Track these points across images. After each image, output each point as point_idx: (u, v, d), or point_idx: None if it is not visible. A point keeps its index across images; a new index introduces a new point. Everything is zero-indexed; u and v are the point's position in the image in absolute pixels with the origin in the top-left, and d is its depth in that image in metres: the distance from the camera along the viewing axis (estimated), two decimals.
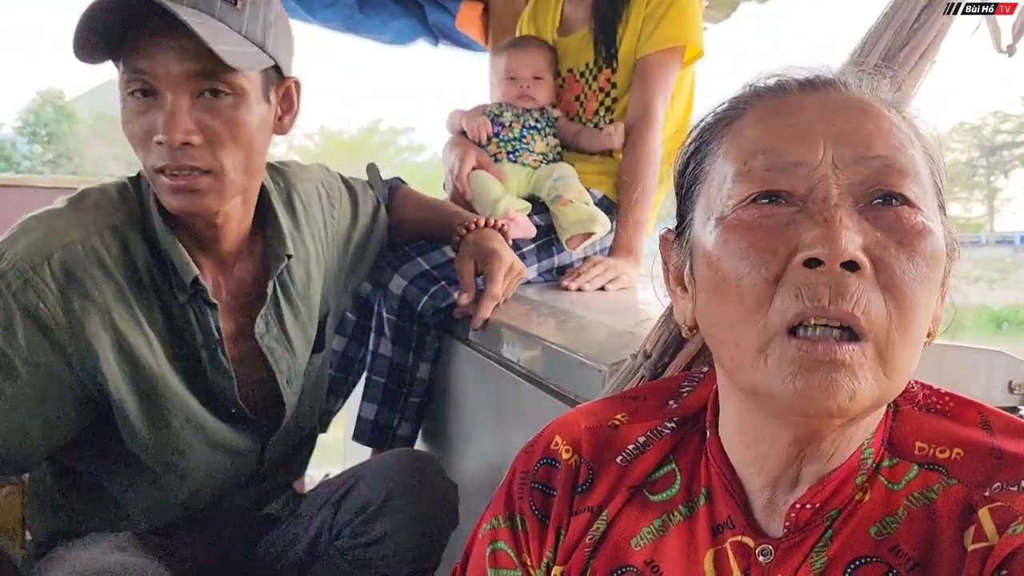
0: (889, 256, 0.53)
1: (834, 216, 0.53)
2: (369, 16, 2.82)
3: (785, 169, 0.56)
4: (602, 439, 0.71)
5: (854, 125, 0.56)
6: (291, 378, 1.28)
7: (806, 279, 0.52)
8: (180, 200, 1.06)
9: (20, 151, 27.35)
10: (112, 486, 1.23)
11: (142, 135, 1.04)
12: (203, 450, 1.21)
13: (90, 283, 1.07)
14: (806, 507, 0.59)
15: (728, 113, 0.63)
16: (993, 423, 0.60)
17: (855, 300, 0.51)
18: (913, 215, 0.55)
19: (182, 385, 1.17)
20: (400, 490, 1.18)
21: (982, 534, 0.54)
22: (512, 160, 1.99)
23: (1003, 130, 35.85)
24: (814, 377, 0.51)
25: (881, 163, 0.55)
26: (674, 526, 0.65)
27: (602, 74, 2.02)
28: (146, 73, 1.02)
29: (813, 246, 0.52)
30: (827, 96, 0.59)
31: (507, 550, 0.72)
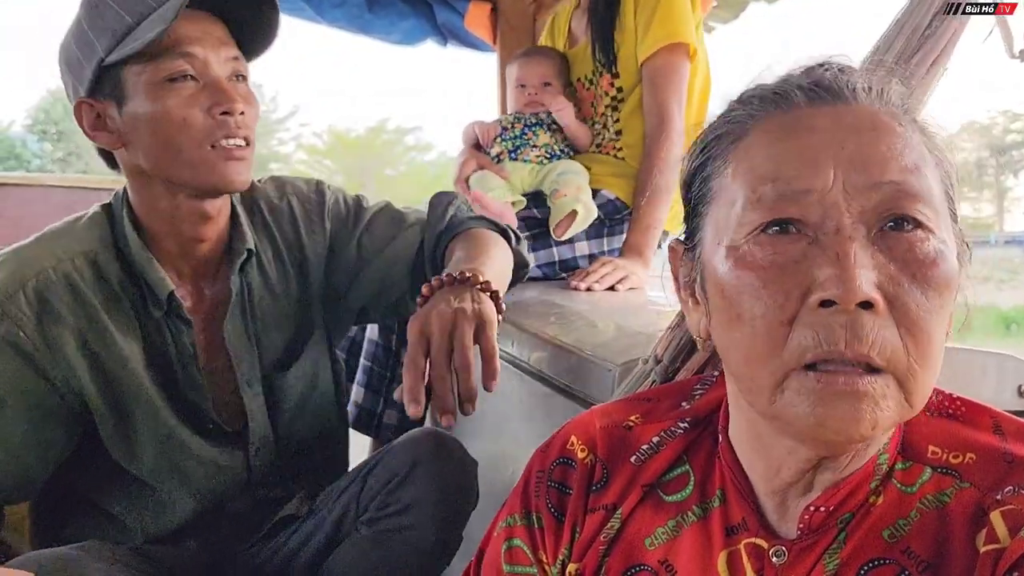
0: (904, 292, 0.52)
1: (847, 252, 0.52)
2: (378, 16, 2.83)
3: (795, 197, 0.55)
4: (617, 439, 0.72)
5: (865, 147, 0.55)
6: (251, 380, 1.28)
7: (822, 320, 0.52)
8: (228, 171, 1.14)
9: (30, 149, 27.46)
10: (107, 501, 1.26)
11: (198, 114, 1.11)
12: (187, 465, 1.24)
13: (64, 308, 1.12)
14: (820, 510, 0.60)
15: (733, 128, 0.62)
16: (1005, 428, 0.61)
17: (870, 341, 0.51)
18: (926, 241, 0.54)
19: (161, 402, 1.20)
20: (426, 458, 1.18)
21: (994, 536, 0.54)
22: (513, 158, 2.03)
23: (1013, 130, 35.63)
24: (836, 407, 0.52)
25: (894, 189, 0.54)
26: (688, 526, 0.66)
27: (603, 79, 2.07)
28: (194, 58, 1.10)
29: (827, 287, 0.52)
30: (836, 112, 0.57)
31: (523, 547, 0.73)
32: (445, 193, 1.49)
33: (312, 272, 1.36)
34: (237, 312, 1.27)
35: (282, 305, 1.33)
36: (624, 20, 1.99)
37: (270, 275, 1.32)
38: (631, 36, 1.98)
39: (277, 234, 1.34)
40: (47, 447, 1.15)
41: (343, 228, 1.39)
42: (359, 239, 1.39)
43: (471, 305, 1.07)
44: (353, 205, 1.42)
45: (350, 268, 1.38)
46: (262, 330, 1.30)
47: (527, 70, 2.12)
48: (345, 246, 1.38)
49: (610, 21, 2.00)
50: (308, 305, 1.36)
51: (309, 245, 1.36)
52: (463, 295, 1.09)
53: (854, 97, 0.58)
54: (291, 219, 1.36)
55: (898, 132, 0.56)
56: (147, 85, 1.10)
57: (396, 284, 1.39)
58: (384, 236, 1.39)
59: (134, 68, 1.10)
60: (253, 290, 1.29)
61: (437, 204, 1.44)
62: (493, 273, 1.21)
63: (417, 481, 1.17)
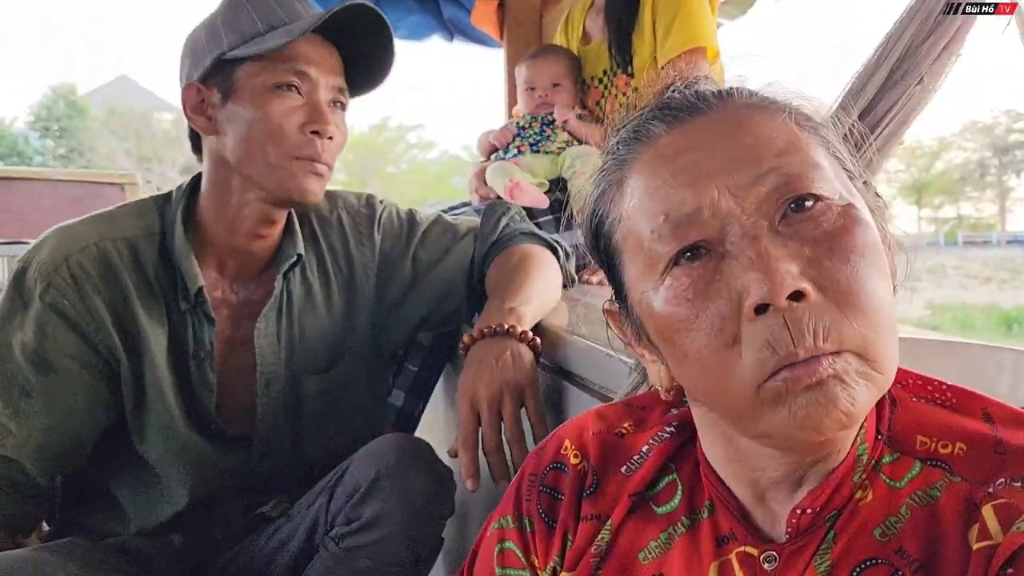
0: (828, 269, 0.52)
1: (759, 251, 0.51)
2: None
3: (690, 222, 0.54)
4: (609, 447, 0.71)
5: (734, 147, 0.55)
6: (271, 380, 1.29)
7: (764, 329, 0.51)
8: (306, 184, 1.21)
9: (32, 145, 27.55)
10: (115, 484, 1.27)
11: (292, 126, 1.18)
12: (184, 458, 1.24)
13: (101, 283, 1.18)
14: (807, 512, 0.58)
15: (611, 179, 0.62)
16: (995, 414, 0.58)
17: (813, 331, 0.50)
18: (827, 211, 0.53)
19: (171, 392, 1.22)
20: (388, 471, 1.15)
21: (986, 532, 0.52)
22: (535, 151, 2.04)
23: (1016, 129, 35.66)
24: (810, 400, 0.51)
25: (776, 174, 0.53)
26: (678, 538, 0.65)
27: (618, 79, 2.06)
28: (305, 76, 1.19)
29: (754, 292, 0.51)
30: (695, 126, 0.57)
31: (515, 550, 0.72)
32: (498, 204, 1.51)
33: (359, 285, 1.38)
34: (273, 312, 1.29)
35: (321, 315, 1.34)
36: (642, 22, 1.98)
37: (312, 284, 1.34)
38: (649, 39, 1.98)
39: (324, 246, 1.37)
40: (95, 412, 1.20)
41: (396, 243, 1.41)
42: (414, 253, 1.41)
43: (514, 372, 1.12)
44: (407, 219, 1.44)
45: (405, 281, 1.40)
46: (298, 336, 1.31)
47: (536, 72, 2.11)
48: (399, 260, 1.40)
49: (629, 22, 2.00)
50: (352, 317, 1.37)
51: (357, 258, 1.38)
52: (503, 356, 1.14)
53: (707, 105, 0.58)
54: (340, 232, 1.39)
55: (758, 120, 0.56)
56: (256, 87, 1.17)
57: (453, 295, 1.42)
58: (439, 249, 1.42)
59: (250, 69, 1.18)
60: (293, 295, 1.31)
61: (490, 215, 1.47)
62: (535, 306, 1.26)
63: (381, 495, 1.14)
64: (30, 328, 1.15)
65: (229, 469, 1.28)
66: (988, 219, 37.39)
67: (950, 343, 1.02)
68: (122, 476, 1.27)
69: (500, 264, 1.37)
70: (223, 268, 1.27)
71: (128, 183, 3.17)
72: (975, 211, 38.15)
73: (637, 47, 2.00)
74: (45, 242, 1.20)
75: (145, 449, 1.23)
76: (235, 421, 1.28)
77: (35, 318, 1.15)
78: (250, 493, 1.32)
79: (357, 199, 1.43)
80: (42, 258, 1.18)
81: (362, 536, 1.15)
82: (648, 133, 0.59)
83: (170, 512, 1.26)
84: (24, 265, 1.19)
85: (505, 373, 1.12)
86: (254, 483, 1.31)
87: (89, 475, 1.28)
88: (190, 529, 1.29)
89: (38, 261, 1.17)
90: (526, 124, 2.08)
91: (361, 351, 1.38)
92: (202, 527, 1.30)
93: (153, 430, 1.22)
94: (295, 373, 1.31)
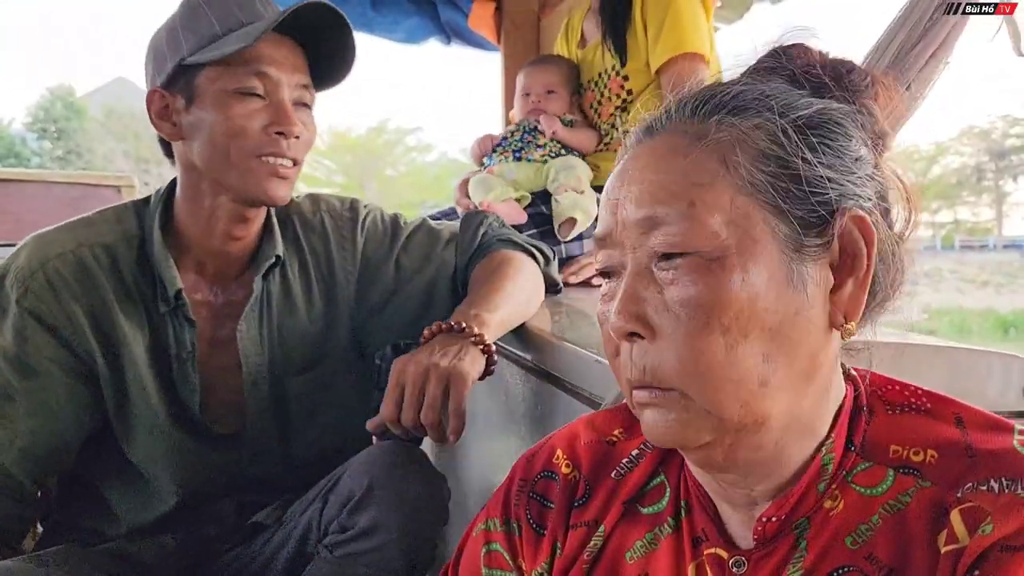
0: (667, 319, 0.56)
1: (626, 289, 0.58)
2: (382, 14, 2.83)
3: (603, 243, 0.62)
4: (600, 455, 0.73)
5: (639, 183, 0.59)
6: (258, 380, 1.29)
7: (624, 353, 0.59)
8: (271, 185, 1.21)
9: (30, 147, 27.51)
10: (103, 484, 1.28)
11: (255, 128, 1.18)
12: (172, 457, 1.25)
13: (79, 288, 1.20)
14: (772, 520, 0.60)
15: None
16: (967, 420, 0.60)
17: (641, 366, 0.57)
18: (689, 265, 0.56)
19: (155, 393, 1.23)
20: (383, 479, 1.14)
21: (953, 536, 0.54)
22: (517, 159, 2.05)
23: (1012, 134, 35.69)
24: (651, 415, 0.58)
25: (651, 223, 0.57)
26: (664, 538, 0.67)
27: (613, 81, 2.08)
28: (267, 77, 1.18)
29: (610, 323, 0.59)
30: (643, 147, 0.62)
31: (503, 552, 0.74)
32: (476, 214, 1.51)
33: (340, 288, 1.38)
34: (254, 314, 1.29)
35: (300, 316, 1.34)
36: (635, 22, 2.00)
37: (293, 286, 1.34)
38: (641, 40, 2.00)
39: (306, 248, 1.37)
40: (78, 414, 1.21)
41: (379, 247, 1.41)
42: (397, 259, 1.41)
43: (450, 361, 1.14)
44: (390, 224, 1.44)
45: (388, 287, 1.40)
46: (277, 336, 1.32)
47: (532, 79, 2.17)
48: (381, 265, 1.40)
49: (623, 15, 2.02)
50: (332, 320, 1.37)
51: (338, 261, 1.38)
52: (449, 348, 1.16)
53: (667, 123, 0.62)
54: (322, 235, 1.39)
55: (675, 157, 0.58)
56: (218, 91, 1.17)
57: (437, 305, 1.41)
58: (421, 255, 1.42)
59: (210, 73, 1.17)
60: (273, 297, 1.32)
61: (468, 225, 1.47)
62: (504, 313, 1.27)
63: (375, 504, 1.14)
64: (9, 333, 1.17)
65: (218, 467, 1.29)
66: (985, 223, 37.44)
67: (940, 348, 1.02)
68: (111, 477, 1.28)
69: (478, 271, 1.38)
70: (202, 270, 1.28)
71: (125, 185, 3.17)
72: (972, 215, 38.19)
73: (631, 45, 2.01)
74: (23, 249, 1.21)
75: (131, 450, 1.24)
76: (221, 420, 1.29)
77: (14, 323, 1.17)
78: (240, 492, 1.32)
79: (341, 203, 1.43)
80: (19, 264, 1.19)
81: (358, 544, 1.14)
82: (626, 148, 0.65)
83: (161, 511, 1.27)
84: (3, 272, 1.20)
85: (440, 360, 1.14)
86: (243, 482, 1.31)
87: (79, 477, 1.29)
88: (183, 529, 1.29)
89: (16, 267, 1.19)
90: (509, 134, 2.12)
91: (343, 353, 1.38)
92: (194, 526, 1.30)
93: (139, 431, 1.23)
94: (277, 374, 1.31)
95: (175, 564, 1.28)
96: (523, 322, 1.37)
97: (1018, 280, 26.87)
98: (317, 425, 1.36)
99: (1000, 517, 0.52)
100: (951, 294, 25.32)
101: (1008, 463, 0.55)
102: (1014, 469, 0.54)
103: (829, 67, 0.62)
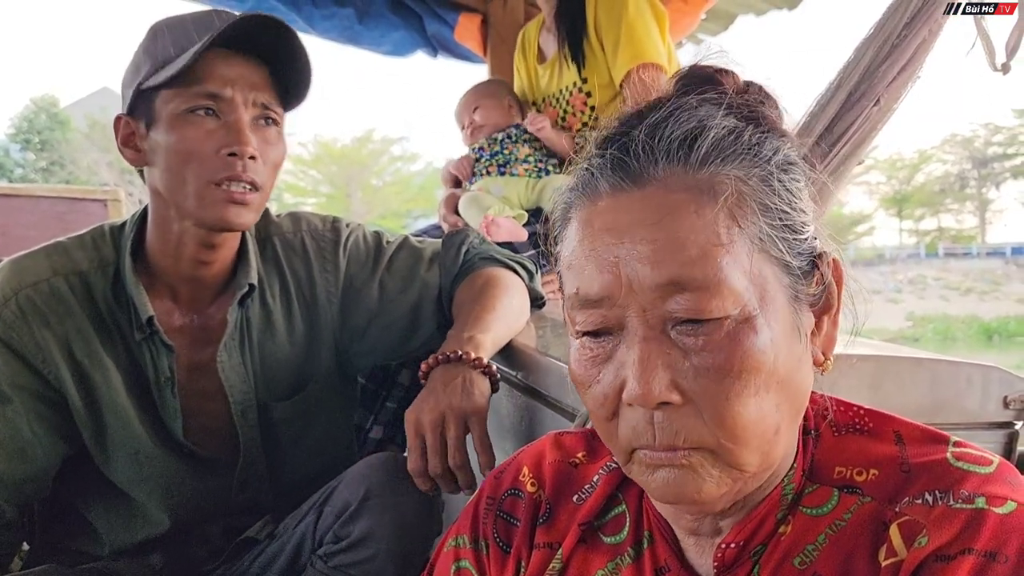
0: (700, 385, 0.54)
1: (643, 357, 0.55)
2: (368, 27, 2.83)
3: (596, 306, 0.57)
4: (563, 476, 0.74)
5: (650, 243, 0.55)
6: (246, 410, 1.29)
7: (634, 418, 0.56)
8: (228, 212, 1.16)
9: (13, 158, 27.31)
10: (85, 506, 1.28)
11: (207, 151, 1.14)
12: (160, 481, 1.25)
13: (52, 317, 1.19)
14: (731, 546, 0.61)
15: (563, 212, 0.63)
16: (905, 436, 0.62)
17: (675, 433, 0.55)
18: (719, 330, 0.54)
19: (135, 418, 1.22)
20: (379, 489, 1.15)
21: (892, 549, 0.55)
22: (501, 173, 2.06)
23: (995, 142, 36.03)
24: (665, 475, 0.56)
25: (675, 288, 0.54)
26: (625, 568, 0.67)
27: (576, 98, 2.12)
28: (219, 97, 1.14)
29: (628, 391, 0.55)
30: (632, 197, 0.57)
31: (471, 570, 0.75)
32: (456, 233, 1.49)
33: (322, 311, 1.36)
34: (234, 343, 1.28)
35: (281, 341, 1.33)
36: (591, 38, 2.05)
37: (273, 310, 1.32)
38: (600, 55, 2.04)
39: (287, 270, 1.35)
40: (53, 440, 1.20)
41: (361, 269, 1.39)
42: (380, 280, 1.39)
43: (460, 398, 1.12)
44: (373, 244, 1.42)
45: (371, 309, 1.38)
46: (259, 363, 1.30)
47: (458, 112, 2.29)
48: (364, 286, 1.38)
49: (579, 31, 2.07)
50: (315, 342, 1.36)
51: (320, 283, 1.36)
52: (454, 382, 1.14)
53: (655, 171, 0.57)
54: (303, 256, 1.36)
55: (684, 213, 0.55)
56: (171, 114, 1.14)
57: (422, 328, 1.40)
58: (405, 276, 1.40)
59: (165, 96, 1.14)
60: (252, 323, 1.30)
61: (449, 246, 1.44)
62: (496, 333, 1.27)
63: (370, 513, 1.15)
64: None
65: (207, 493, 1.28)
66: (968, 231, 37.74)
67: (921, 360, 1.04)
68: (92, 499, 1.27)
69: (464, 292, 1.36)
70: (176, 296, 1.25)
71: (111, 199, 3.15)
72: (956, 223, 38.53)
73: (590, 59, 2.06)
74: None
75: (112, 472, 1.23)
76: (204, 444, 1.27)
77: None
78: (228, 516, 1.31)
79: (322, 222, 1.40)
80: None
81: (351, 554, 1.15)
82: (595, 189, 0.59)
83: (149, 534, 1.26)
84: None
85: (451, 399, 1.12)
86: (231, 507, 1.31)
87: (61, 499, 1.29)
88: (169, 550, 1.28)
89: None
90: (485, 145, 2.14)
91: (326, 377, 1.37)
92: (181, 547, 1.29)
93: (120, 455, 1.22)
94: (263, 401, 1.30)
95: None
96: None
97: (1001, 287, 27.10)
98: (304, 448, 1.35)
99: (934, 528, 0.54)
100: (935, 301, 25.51)
101: (940, 475, 0.57)
102: (946, 481, 0.56)
103: (753, 94, 0.62)
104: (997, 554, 0.51)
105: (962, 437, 0.61)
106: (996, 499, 0.54)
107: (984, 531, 0.52)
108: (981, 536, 0.52)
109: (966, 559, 0.52)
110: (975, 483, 0.55)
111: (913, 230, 38.62)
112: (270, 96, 1.19)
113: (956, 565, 0.52)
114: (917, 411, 1.00)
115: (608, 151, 0.59)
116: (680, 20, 2.50)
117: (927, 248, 34.31)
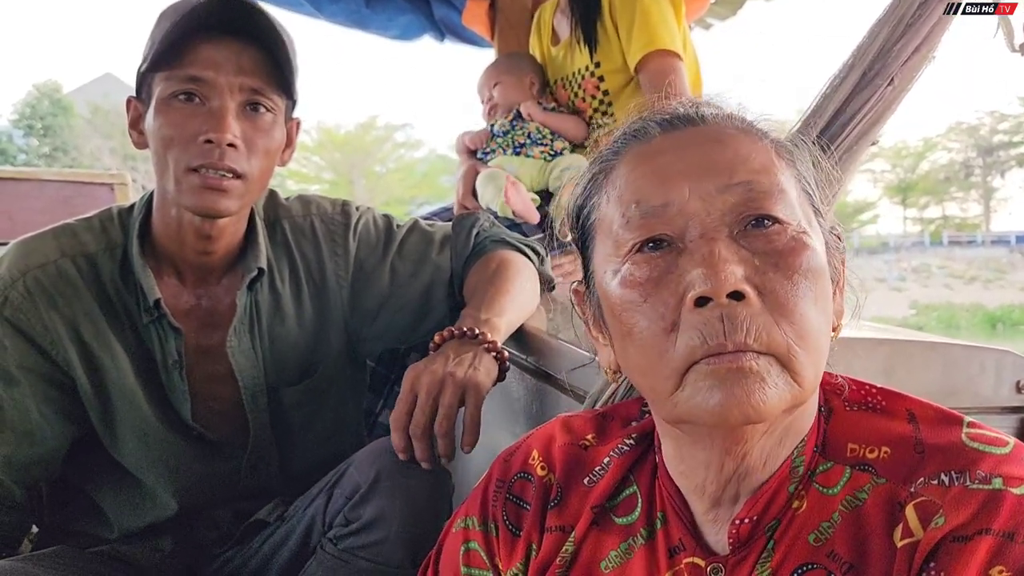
0: (770, 280, 0.56)
1: (712, 251, 0.56)
2: (376, 11, 2.82)
3: (657, 213, 0.59)
4: (573, 459, 0.74)
5: (713, 155, 0.60)
6: (256, 394, 1.29)
7: (701, 319, 0.55)
8: (206, 198, 1.14)
9: (16, 144, 27.32)
10: (94, 489, 1.28)
11: (186, 136, 1.12)
12: (169, 463, 1.25)
13: (59, 299, 1.18)
14: (745, 522, 0.61)
15: (603, 166, 0.67)
16: (919, 415, 0.62)
17: (746, 329, 0.54)
18: (784, 233, 0.58)
19: (143, 400, 1.22)
20: (389, 472, 1.13)
21: (908, 530, 0.56)
22: (516, 153, 2.06)
23: (1000, 130, 35.87)
24: (729, 385, 0.54)
25: (745, 188, 0.58)
26: (638, 548, 0.68)
27: (588, 82, 2.10)
28: (201, 81, 1.12)
29: (698, 285, 0.55)
30: (683, 135, 0.63)
31: (480, 551, 0.75)
32: (467, 216, 1.49)
33: (332, 294, 1.35)
34: (244, 327, 1.27)
35: (291, 325, 1.32)
36: (605, 22, 2.03)
37: (282, 294, 1.32)
38: (614, 40, 2.02)
39: (297, 254, 1.34)
40: (61, 421, 1.20)
41: (372, 253, 1.38)
42: (391, 264, 1.38)
43: (465, 370, 1.11)
44: (383, 228, 1.41)
45: (382, 293, 1.37)
46: (269, 347, 1.30)
47: (480, 85, 2.27)
48: (375, 270, 1.38)
49: (593, 13, 2.05)
50: (325, 326, 1.35)
51: (330, 267, 1.35)
52: (464, 355, 1.14)
53: (703, 121, 0.64)
54: (313, 240, 1.35)
55: (744, 140, 0.61)
56: (159, 98, 1.14)
57: (434, 311, 1.40)
58: (416, 260, 1.40)
59: (157, 79, 1.14)
60: (261, 307, 1.29)
61: (460, 229, 1.44)
62: (510, 317, 1.26)
63: (380, 496, 1.13)
64: None
65: (217, 477, 1.28)
66: (973, 219, 37.63)
67: (935, 344, 1.04)
68: (101, 482, 1.27)
69: (476, 274, 1.36)
70: (183, 278, 1.25)
71: (118, 183, 3.13)
72: (960, 211, 38.42)
73: (604, 44, 2.04)
74: (6, 257, 1.21)
75: (122, 456, 1.24)
76: (213, 427, 1.27)
77: None
78: (237, 500, 1.32)
79: (332, 206, 1.39)
80: (0, 273, 1.19)
81: (361, 537, 1.14)
82: (645, 132, 0.64)
83: (158, 517, 1.26)
84: None
85: (456, 369, 1.11)
86: (241, 492, 1.31)
87: (70, 481, 1.29)
88: (179, 533, 1.29)
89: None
90: (498, 123, 2.15)
91: (336, 360, 1.36)
92: (190, 531, 1.29)
93: (129, 438, 1.23)
94: (273, 385, 1.30)
95: (171, 566, 1.27)
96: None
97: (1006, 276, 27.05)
98: (314, 433, 1.35)
99: (951, 509, 0.54)
100: (939, 289, 25.48)
101: (956, 456, 0.57)
102: (962, 461, 0.57)
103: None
104: (1015, 534, 0.52)
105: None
106: (1014, 479, 0.54)
107: (1002, 511, 0.53)
108: (999, 516, 0.52)
109: (984, 539, 0.52)
110: (991, 464, 0.56)
111: (917, 218, 38.56)
112: (262, 82, 1.16)
113: (974, 545, 0.52)
114: (930, 395, 0.99)
115: (649, 114, 0.66)
116: (690, 4, 2.48)
117: (931, 236, 34.23)
